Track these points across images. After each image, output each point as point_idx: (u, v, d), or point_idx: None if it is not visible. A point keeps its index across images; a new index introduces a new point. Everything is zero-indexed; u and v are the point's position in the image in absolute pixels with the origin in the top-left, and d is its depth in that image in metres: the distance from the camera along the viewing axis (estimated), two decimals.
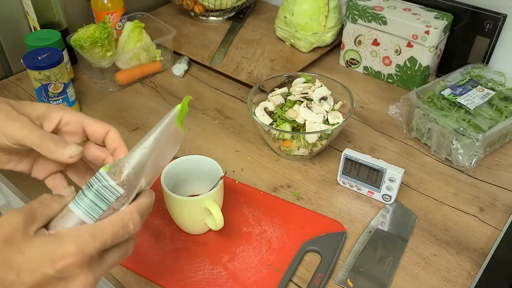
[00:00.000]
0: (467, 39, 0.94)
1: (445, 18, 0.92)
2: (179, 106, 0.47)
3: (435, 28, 0.89)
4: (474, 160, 0.76)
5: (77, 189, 0.46)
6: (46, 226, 0.41)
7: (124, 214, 0.43)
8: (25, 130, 0.46)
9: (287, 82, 0.86)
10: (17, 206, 1.04)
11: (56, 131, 0.51)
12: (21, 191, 0.75)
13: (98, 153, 0.54)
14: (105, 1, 1.01)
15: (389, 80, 1.01)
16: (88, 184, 0.43)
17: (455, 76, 0.87)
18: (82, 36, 0.92)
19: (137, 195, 0.45)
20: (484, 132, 0.74)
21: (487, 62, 0.94)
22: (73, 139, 0.53)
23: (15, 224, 0.38)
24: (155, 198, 0.47)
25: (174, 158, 0.69)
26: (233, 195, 0.73)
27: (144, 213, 0.45)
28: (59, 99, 0.85)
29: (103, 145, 0.53)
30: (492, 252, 0.65)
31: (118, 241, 0.42)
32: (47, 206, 0.42)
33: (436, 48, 0.93)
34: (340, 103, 0.80)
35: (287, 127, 0.77)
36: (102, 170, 0.43)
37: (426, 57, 0.93)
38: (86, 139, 0.54)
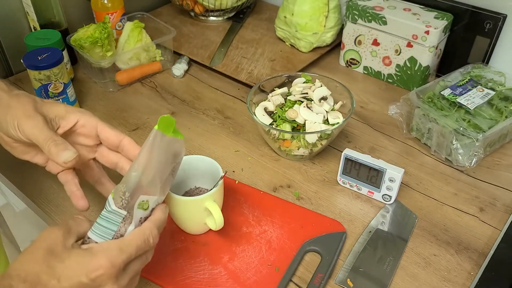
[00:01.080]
0: (467, 39, 0.94)
1: (445, 18, 0.92)
2: (156, 127, 0.51)
3: (435, 28, 0.89)
4: (474, 160, 0.76)
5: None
6: (78, 241, 0.47)
7: (145, 230, 0.48)
8: (36, 130, 0.52)
9: (287, 82, 0.86)
10: (17, 206, 1.04)
11: (71, 131, 0.57)
12: (21, 191, 0.75)
13: (111, 156, 0.59)
14: (105, 1, 1.01)
15: (389, 80, 1.01)
16: (101, 214, 0.49)
17: (455, 76, 0.87)
18: (82, 36, 0.92)
19: (153, 209, 0.52)
20: (484, 132, 0.74)
21: (487, 62, 0.94)
22: (86, 141, 0.59)
23: (56, 237, 0.44)
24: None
25: None
26: (233, 195, 0.73)
27: (161, 227, 0.51)
28: (59, 99, 0.85)
29: (115, 150, 0.58)
30: (492, 252, 0.65)
31: (140, 253, 0.48)
32: (79, 224, 0.48)
33: (436, 48, 0.93)
34: (340, 103, 0.80)
35: (287, 127, 0.77)
36: (110, 196, 0.49)
37: (426, 57, 0.93)
38: (99, 143, 0.59)
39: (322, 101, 0.78)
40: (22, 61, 0.81)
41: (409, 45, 0.94)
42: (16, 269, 0.43)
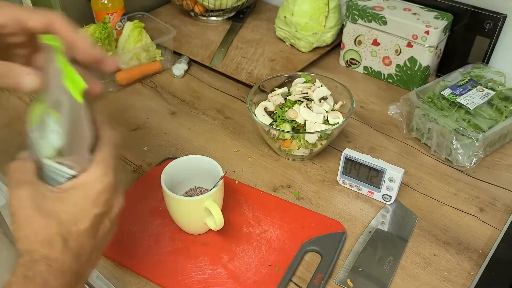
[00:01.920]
0: (467, 39, 0.94)
1: (445, 18, 0.92)
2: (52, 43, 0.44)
3: (435, 28, 0.89)
4: (474, 160, 0.76)
5: None
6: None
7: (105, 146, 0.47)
8: None
9: (287, 82, 0.86)
10: None
11: None
12: None
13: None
14: (105, 1, 1.01)
15: (389, 80, 1.01)
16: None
17: (455, 76, 0.87)
18: None
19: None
20: (484, 132, 0.74)
21: (487, 62, 0.94)
22: (18, 48, 0.47)
23: (31, 198, 0.41)
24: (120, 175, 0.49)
25: (174, 158, 0.69)
26: (233, 195, 0.73)
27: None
28: None
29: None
30: (492, 252, 0.65)
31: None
32: (24, 168, 0.44)
33: (436, 48, 0.93)
34: (340, 103, 0.80)
35: (287, 127, 0.77)
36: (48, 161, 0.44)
37: (426, 57, 0.93)
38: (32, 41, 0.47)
39: (322, 101, 0.78)
40: None
41: (409, 45, 0.94)
42: (24, 244, 0.40)
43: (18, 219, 0.41)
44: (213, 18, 1.20)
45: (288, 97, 0.81)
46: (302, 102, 0.78)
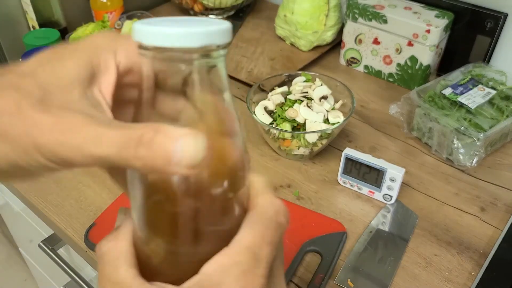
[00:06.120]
0: (468, 38, 0.94)
1: (445, 17, 0.91)
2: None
3: (436, 27, 0.89)
4: (475, 159, 0.76)
5: None
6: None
7: (266, 219, 0.27)
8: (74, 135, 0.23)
9: (287, 81, 0.85)
10: (16, 206, 1.04)
11: (116, 90, 0.28)
12: (20, 190, 0.75)
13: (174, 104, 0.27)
14: (104, 0, 1.01)
15: (389, 79, 1.01)
16: None
17: (456, 75, 0.87)
18: (81, 35, 0.92)
19: None
20: (485, 131, 0.74)
21: (488, 61, 0.94)
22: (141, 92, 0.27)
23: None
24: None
25: None
26: None
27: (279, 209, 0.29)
28: None
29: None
30: (493, 252, 0.64)
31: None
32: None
33: (437, 47, 0.92)
34: (340, 102, 0.80)
35: (287, 126, 0.77)
36: None
37: (427, 56, 0.93)
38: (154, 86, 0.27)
39: (322, 100, 0.78)
40: (20, 60, 0.81)
41: (409, 44, 0.93)
42: None
43: None
44: (212, 16, 1.19)
45: (288, 96, 0.80)
46: (302, 101, 0.78)
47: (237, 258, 0.25)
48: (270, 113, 0.78)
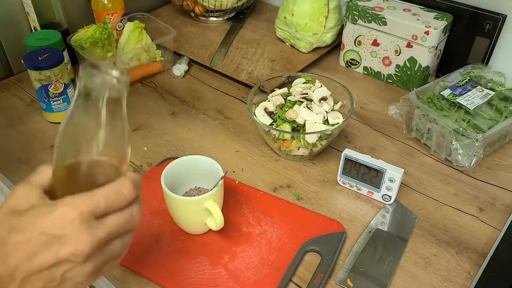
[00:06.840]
0: (466, 40, 0.94)
1: (444, 19, 0.92)
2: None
3: (435, 29, 0.89)
4: (474, 160, 0.76)
5: None
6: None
7: (117, 181, 0.43)
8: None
9: (287, 82, 0.86)
10: None
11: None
12: None
13: None
14: (106, 2, 1.02)
15: (389, 80, 1.02)
16: None
17: (455, 77, 0.87)
18: (82, 36, 0.92)
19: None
20: (484, 132, 0.75)
21: (487, 63, 0.94)
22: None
23: (20, 196, 0.42)
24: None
25: (175, 158, 0.69)
26: (233, 195, 0.73)
27: (137, 183, 0.44)
28: (59, 99, 0.86)
29: None
30: (491, 252, 0.65)
31: (113, 205, 0.42)
32: (39, 174, 0.44)
33: (436, 49, 0.93)
34: (340, 103, 0.80)
35: (287, 127, 0.77)
36: None
37: (426, 57, 0.93)
38: None
39: (322, 101, 0.78)
40: (22, 62, 0.81)
41: (409, 45, 0.94)
42: None
43: None
44: (213, 18, 1.20)
45: (288, 98, 0.81)
46: (302, 102, 0.78)
47: (90, 196, 0.41)
48: (270, 114, 0.78)
